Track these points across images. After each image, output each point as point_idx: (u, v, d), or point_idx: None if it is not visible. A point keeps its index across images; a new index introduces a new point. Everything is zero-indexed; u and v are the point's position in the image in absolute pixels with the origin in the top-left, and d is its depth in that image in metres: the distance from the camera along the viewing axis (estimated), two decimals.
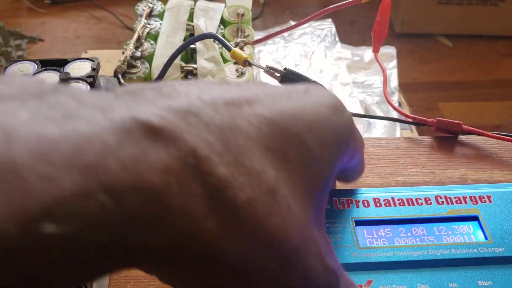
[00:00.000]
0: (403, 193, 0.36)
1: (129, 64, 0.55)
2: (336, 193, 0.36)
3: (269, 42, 0.73)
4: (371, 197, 0.36)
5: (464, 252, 0.33)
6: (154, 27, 0.60)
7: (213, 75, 0.54)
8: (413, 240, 0.34)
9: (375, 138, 0.49)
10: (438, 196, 0.36)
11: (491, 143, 0.47)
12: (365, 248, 0.33)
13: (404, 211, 0.35)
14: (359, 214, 0.35)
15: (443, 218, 0.35)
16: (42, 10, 1.45)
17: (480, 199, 0.36)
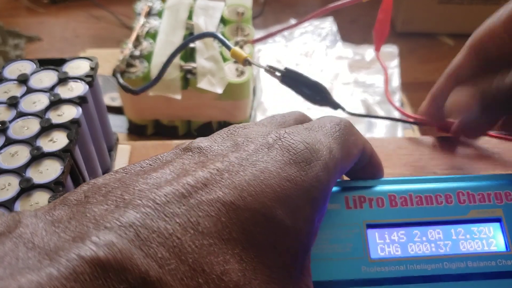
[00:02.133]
0: (422, 186, 0.34)
1: (128, 63, 0.55)
2: (349, 188, 0.33)
3: (270, 41, 0.72)
4: (387, 193, 0.33)
5: (481, 265, 0.32)
6: (153, 26, 0.59)
7: (212, 74, 0.54)
8: (427, 246, 0.32)
9: (377, 139, 0.48)
10: (460, 192, 0.34)
11: (493, 143, 0.47)
12: (376, 260, 0.32)
13: (422, 212, 0.33)
14: (372, 217, 0.33)
15: (463, 221, 0.33)
16: (41, 9, 1.45)
17: (506, 196, 0.34)
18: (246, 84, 0.55)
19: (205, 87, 0.53)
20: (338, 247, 0.32)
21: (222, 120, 0.59)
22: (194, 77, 0.54)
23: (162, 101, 0.55)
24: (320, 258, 0.32)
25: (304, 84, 0.42)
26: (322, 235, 0.32)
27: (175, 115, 0.58)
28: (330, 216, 0.33)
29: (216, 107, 0.57)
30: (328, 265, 0.32)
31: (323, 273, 0.31)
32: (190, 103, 0.57)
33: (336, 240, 0.32)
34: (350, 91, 0.62)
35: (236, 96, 0.56)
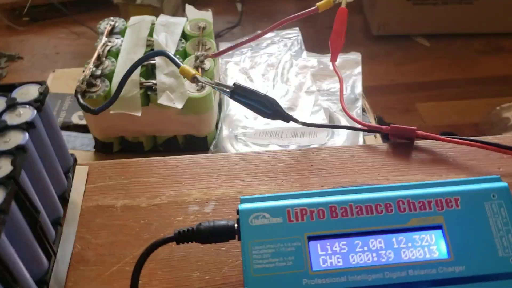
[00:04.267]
0: (362, 196, 0.34)
1: (89, 83, 0.56)
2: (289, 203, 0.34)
3: (237, 53, 0.73)
4: (327, 204, 0.34)
5: (422, 273, 0.32)
6: (115, 45, 0.60)
7: (172, 89, 0.54)
8: (369, 256, 0.33)
9: (332, 148, 0.49)
10: (400, 201, 0.34)
11: (448, 147, 0.48)
12: (317, 272, 0.32)
13: (363, 222, 0.33)
14: (313, 229, 0.33)
15: (404, 229, 0.34)
16: (21, 27, 1.45)
17: (446, 203, 0.34)
18: (207, 98, 0.55)
19: (165, 103, 0.53)
20: (279, 261, 0.33)
21: (188, 134, 0.60)
22: (155, 94, 0.55)
23: (125, 119, 0.56)
24: (262, 273, 0.32)
25: (254, 99, 0.43)
26: (263, 249, 0.33)
27: (139, 131, 0.59)
28: (271, 230, 0.33)
29: (180, 121, 0.57)
30: (270, 279, 0.32)
31: (265, 287, 0.32)
32: (153, 119, 0.57)
33: (277, 254, 0.33)
34: (314, 100, 0.63)
35: (198, 110, 0.56)
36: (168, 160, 0.48)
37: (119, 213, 0.43)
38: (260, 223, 0.34)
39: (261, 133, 0.60)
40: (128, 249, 0.41)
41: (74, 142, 0.63)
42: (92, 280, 0.39)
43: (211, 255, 0.40)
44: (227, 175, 0.46)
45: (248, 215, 0.34)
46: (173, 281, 0.39)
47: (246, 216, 0.34)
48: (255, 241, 0.33)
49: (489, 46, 1.37)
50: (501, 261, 0.33)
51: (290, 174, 0.46)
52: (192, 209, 0.43)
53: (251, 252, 0.33)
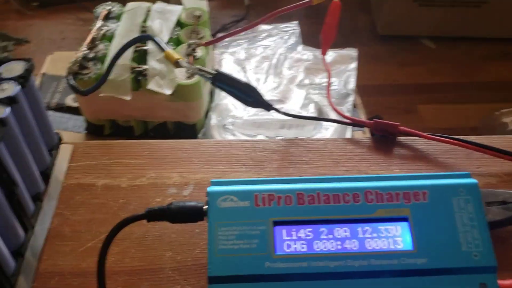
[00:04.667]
0: (331, 185, 0.35)
1: (81, 65, 0.56)
2: (257, 188, 0.34)
3: (233, 44, 0.74)
4: (295, 191, 0.34)
5: (384, 263, 0.32)
6: (111, 29, 0.61)
7: (162, 75, 0.55)
8: (333, 244, 0.33)
9: (313, 139, 0.49)
10: (368, 191, 0.34)
11: (429, 145, 0.48)
12: (280, 256, 0.32)
13: (329, 210, 0.34)
14: (279, 214, 0.34)
15: (370, 219, 0.34)
16: (30, 12, 1.47)
17: (414, 196, 0.34)
18: (196, 85, 0.56)
19: (154, 88, 0.54)
20: (244, 243, 0.33)
21: (177, 121, 0.61)
22: (145, 79, 0.56)
23: (115, 102, 0.56)
24: (225, 254, 0.33)
25: (235, 86, 0.43)
26: (229, 231, 0.33)
27: (130, 115, 0.60)
28: (238, 213, 0.34)
29: (169, 108, 0.58)
30: (233, 260, 0.33)
31: (227, 268, 0.32)
32: (143, 104, 0.58)
33: (242, 237, 0.33)
34: (305, 93, 0.63)
35: (187, 98, 0.57)
36: (152, 143, 0.48)
37: (99, 192, 0.44)
38: (228, 205, 0.34)
39: (249, 124, 0.60)
40: (105, 226, 0.41)
41: (67, 123, 0.64)
42: (66, 254, 0.40)
43: (184, 236, 0.40)
44: (207, 160, 0.46)
45: (216, 197, 0.34)
46: (145, 259, 0.39)
47: (214, 198, 0.34)
48: (221, 222, 0.34)
49: (495, 51, 1.37)
50: (464, 255, 0.33)
51: (270, 163, 0.46)
52: (171, 192, 0.44)
53: (216, 233, 0.33)
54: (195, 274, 0.38)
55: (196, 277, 0.38)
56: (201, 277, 0.38)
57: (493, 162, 0.46)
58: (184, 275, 0.38)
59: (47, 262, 0.40)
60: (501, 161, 0.46)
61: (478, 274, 0.33)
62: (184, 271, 0.39)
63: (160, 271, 0.39)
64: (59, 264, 0.39)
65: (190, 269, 0.39)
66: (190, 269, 0.39)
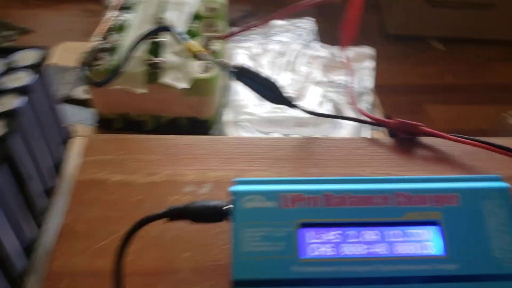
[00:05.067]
0: (360, 186, 0.34)
1: (95, 55, 0.55)
2: (284, 188, 0.33)
3: (245, 39, 0.72)
4: (323, 192, 0.33)
5: (414, 268, 0.31)
6: (125, 19, 0.59)
7: (178, 69, 0.53)
8: (362, 247, 0.32)
9: (337, 138, 0.48)
10: (398, 194, 0.33)
11: (450, 145, 0.47)
12: (306, 260, 0.31)
13: (358, 213, 0.33)
14: (306, 216, 0.32)
15: (400, 223, 0.33)
16: (36, 1, 1.45)
17: (446, 199, 0.33)
18: (212, 80, 0.55)
19: (170, 82, 0.53)
20: (269, 246, 0.32)
21: (190, 116, 0.59)
22: (160, 72, 0.54)
23: (129, 95, 0.55)
24: (250, 256, 0.32)
25: (258, 82, 0.42)
26: (254, 232, 0.32)
27: (142, 109, 0.58)
28: (264, 213, 0.33)
29: (183, 102, 0.57)
30: (258, 263, 0.31)
31: (252, 271, 0.31)
32: (157, 97, 0.56)
33: (268, 239, 0.32)
34: (321, 91, 0.62)
35: (202, 92, 0.56)
36: (168, 138, 0.47)
37: (114, 188, 0.43)
38: (253, 206, 0.33)
39: (264, 121, 0.59)
40: (119, 224, 0.40)
41: (76, 116, 0.63)
42: (80, 252, 0.38)
43: (203, 236, 0.39)
44: (226, 158, 0.45)
45: (241, 197, 0.33)
46: (162, 259, 0.38)
47: (239, 198, 0.33)
48: (246, 223, 0.32)
49: (504, 54, 1.35)
50: (497, 262, 0.32)
51: (290, 162, 0.45)
52: (188, 189, 0.43)
53: (241, 234, 0.32)
54: (214, 276, 0.37)
55: (215, 278, 0.37)
56: (220, 279, 0.37)
57: None
58: (202, 276, 0.37)
59: (59, 260, 0.38)
60: None
61: (510, 282, 0.32)
62: (203, 272, 0.37)
63: (177, 272, 0.37)
64: (72, 263, 0.38)
65: (209, 270, 0.37)
66: (208, 269, 0.37)
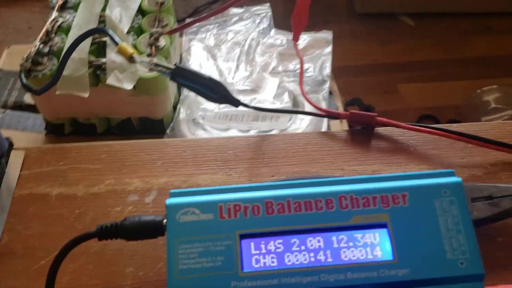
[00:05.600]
0: (302, 191, 0.32)
1: (34, 60, 0.52)
2: (222, 198, 0.31)
3: (202, 30, 0.69)
4: (263, 200, 0.31)
5: (362, 276, 0.30)
6: (67, 20, 0.56)
7: (122, 69, 0.51)
8: (306, 256, 0.30)
9: (286, 135, 0.46)
10: (342, 196, 0.32)
11: (409, 135, 0.45)
12: (248, 274, 0.29)
13: (301, 219, 0.31)
14: (246, 226, 0.31)
15: (345, 227, 0.31)
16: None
17: (393, 199, 0.32)
18: (159, 78, 0.52)
19: (114, 84, 0.50)
20: (207, 262, 0.30)
21: (142, 116, 0.57)
22: (104, 73, 0.52)
23: (74, 99, 0.52)
24: (187, 274, 0.30)
25: (198, 82, 0.40)
26: (191, 248, 0.30)
27: (90, 112, 0.56)
28: (201, 227, 0.31)
29: (132, 103, 0.54)
30: (195, 282, 0.29)
31: None
32: (104, 100, 0.54)
33: (206, 254, 0.30)
34: (278, 82, 0.60)
35: (151, 92, 0.53)
36: (112, 145, 0.45)
37: (54, 202, 0.40)
38: (189, 219, 0.31)
39: (220, 116, 0.57)
40: (60, 241, 0.37)
41: (26, 122, 0.60)
42: (18, 274, 0.36)
43: (147, 249, 0.37)
44: (172, 162, 0.43)
45: (176, 210, 0.31)
46: (104, 276, 0.36)
47: (174, 212, 0.31)
48: (182, 239, 0.30)
49: (477, 27, 1.34)
50: (450, 264, 0.30)
51: (240, 163, 0.43)
52: (132, 199, 0.40)
53: (176, 251, 0.30)
54: None
55: None
56: None
57: (477, 152, 0.43)
58: None
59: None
60: (486, 151, 0.43)
61: (464, 283, 0.30)
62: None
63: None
64: (10, 286, 0.36)
65: (153, 286, 0.35)
66: (153, 285, 0.35)
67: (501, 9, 1.35)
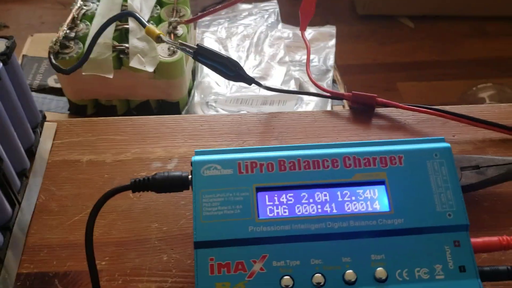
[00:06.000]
0: (310, 152, 0.36)
1: (62, 44, 0.57)
2: (240, 156, 0.36)
3: (214, 23, 0.74)
4: (277, 158, 0.36)
5: (362, 224, 0.34)
6: (91, 9, 0.61)
7: (144, 53, 0.55)
8: (314, 207, 0.34)
9: (297, 112, 0.50)
10: (346, 157, 0.36)
11: (406, 115, 0.49)
12: (263, 220, 0.34)
13: (309, 176, 0.35)
14: (262, 180, 0.35)
15: (348, 183, 0.35)
16: None
17: (390, 160, 0.36)
18: (178, 62, 0.57)
19: (136, 66, 0.55)
20: (228, 209, 0.34)
21: (160, 99, 0.61)
22: (127, 57, 0.56)
23: (98, 81, 0.57)
24: (210, 220, 0.34)
25: (217, 60, 0.44)
26: (213, 198, 0.34)
27: (112, 94, 0.60)
28: (222, 180, 0.35)
29: (151, 86, 0.59)
30: (217, 226, 0.34)
31: (212, 233, 0.34)
32: (125, 82, 0.58)
33: (226, 203, 0.34)
34: (285, 70, 0.64)
35: (169, 75, 0.58)
36: (135, 119, 0.49)
37: (84, 168, 0.45)
38: (212, 173, 0.35)
39: (231, 100, 0.61)
40: (91, 201, 0.42)
41: (49, 104, 0.64)
42: (53, 228, 0.41)
43: (170, 208, 0.41)
44: (191, 135, 0.47)
45: (200, 166, 0.35)
46: (132, 231, 0.40)
47: (198, 167, 0.35)
48: (205, 190, 0.35)
49: (473, 30, 1.39)
50: (439, 215, 0.34)
51: (252, 136, 0.47)
52: (155, 166, 0.45)
53: (201, 200, 0.34)
54: (181, 244, 0.39)
55: (182, 246, 0.39)
56: (187, 246, 0.39)
57: (467, 130, 0.48)
58: (170, 244, 0.39)
59: (35, 236, 0.40)
60: (475, 129, 0.47)
61: (451, 233, 0.34)
62: (170, 241, 0.40)
63: (146, 241, 0.40)
64: (47, 238, 0.40)
65: (176, 239, 0.40)
66: (176, 238, 0.40)
67: (496, 13, 1.40)
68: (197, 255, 0.33)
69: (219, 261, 0.33)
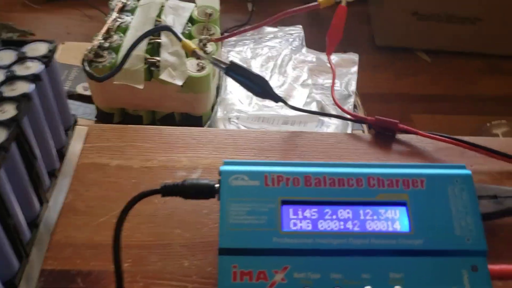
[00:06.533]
0: (336, 170, 0.37)
1: (96, 53, 0.59)
2: (268, 169, 0.37)
3: (239, 44, 0.76)
4: (303, 174, 0.37)
5: (382, 243, 0.35)
6: (125, 21, 0.63)
7: (174, 67, 0.57)
8: (336, 224, 0.36)
9: (320, 133, 0.52)
10: (371, 177, 0.37)
11: (426, 143, 0.50)
12: (287, 233, 0.35)
13: (334, 193, 0.36)
14: (287, 194, 0.36)
15: (371, 203, 0.36)
16: (36, 6, 1.49)
17: (413, 183, 0.37)
18: (205, 78, 0.58)
19: (166, 79, 0.56)
20: (253, 219, 0.35)
21: (184, 112, 0.63)
22: (158, 70, 0.58)
23: (128, 91, 0.59)
24: (236, 228, 0.35)
25: (247, 77, 0.46)
26: (240, 207, 0.36)
27: (140, 104, 0.62)
28: (249, 191, 0.36)
29: (178, 99, 0.60)
30: (242, 234, 0.35)
31: (237, 240, 0.35)
32: (154, 94, 0.60)
33: (252, 213, 0.36)
34: (308, 92, 0.66)
35: (196, 89, 0.59)
36: (163, 129, 0.51)
37: (112, 171, 0.46)
38: (239, 184, 0.36)
39: (253, 118, 0.63)
40: (117, 203, 0.43)
41: (77, 110, 0.66)
42: (79, 227, 0.42)
43: (193, 216, 0.43)
44: (215, 147, 0.49)
45: (228, 176, 0.37)
46: (155, 235, 0.41)
47: (226, 177, 0.37)
48: (232, 199, 0.36)
49: (488, 67, 1.41)
50: (458, 239, 0.35)
51: (275, 153, 0.48)
52: (180, 174, 0.46)
53: (228, 208, 0.35)
54: (202, 251, 0.40)
55: (203, 253, 0.40)
56: (208, 254, 0.40)
57: (485, 161, 0.49)
58: (191, 251, 0.40)
59: (60, 234, 0.41)
60: (493, 161, 0.48)
61: (470, 257, 0.35)
62: (192, 248, 0.41)
63: (169, 246, 0.41)
64: (72, 236, 0.41)
65: (198, 246, 0.41)
66: (197, 246, 0.41)
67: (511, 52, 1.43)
68: (220, 261, 0.34)
69: (242, 268, 0.34)
